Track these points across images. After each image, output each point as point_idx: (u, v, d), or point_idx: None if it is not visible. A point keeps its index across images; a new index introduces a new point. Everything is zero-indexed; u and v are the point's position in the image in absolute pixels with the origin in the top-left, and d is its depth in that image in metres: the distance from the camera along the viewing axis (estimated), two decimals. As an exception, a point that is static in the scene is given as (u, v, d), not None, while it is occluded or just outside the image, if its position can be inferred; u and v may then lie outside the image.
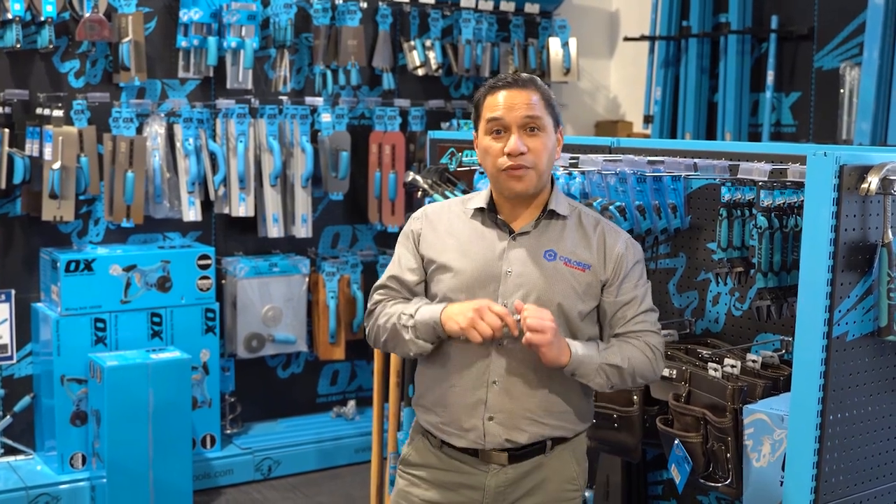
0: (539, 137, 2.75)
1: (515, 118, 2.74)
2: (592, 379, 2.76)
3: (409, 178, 4.38)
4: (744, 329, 3.42)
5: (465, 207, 2.92)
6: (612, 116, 7.51)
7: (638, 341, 2.82)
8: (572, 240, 2.82)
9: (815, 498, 2.70)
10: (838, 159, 2.59)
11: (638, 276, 2.86)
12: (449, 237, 2.87)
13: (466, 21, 6.48)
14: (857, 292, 2.68)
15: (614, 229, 2.89)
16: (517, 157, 2.72)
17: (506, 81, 2.79)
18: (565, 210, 2.85)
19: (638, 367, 2.81)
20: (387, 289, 2.93)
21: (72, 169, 5.27)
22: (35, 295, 5.55)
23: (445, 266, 2.83)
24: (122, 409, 5.05)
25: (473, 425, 2.79)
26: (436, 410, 2.87)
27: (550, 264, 2.79)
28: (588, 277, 2.80)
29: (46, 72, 5.43)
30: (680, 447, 3.13)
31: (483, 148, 2.80)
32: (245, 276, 5.88)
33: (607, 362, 2.76)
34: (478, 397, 2.79)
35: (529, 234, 2.82)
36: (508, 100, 2.76)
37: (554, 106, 2.84)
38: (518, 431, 2.79)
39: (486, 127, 2.78)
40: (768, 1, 6.34)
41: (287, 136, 5.96)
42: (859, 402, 2.76)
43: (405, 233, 2.96)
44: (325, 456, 6.03)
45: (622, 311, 2.83)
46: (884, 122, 5.51)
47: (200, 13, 5.63)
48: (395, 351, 2.95)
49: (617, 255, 2.82)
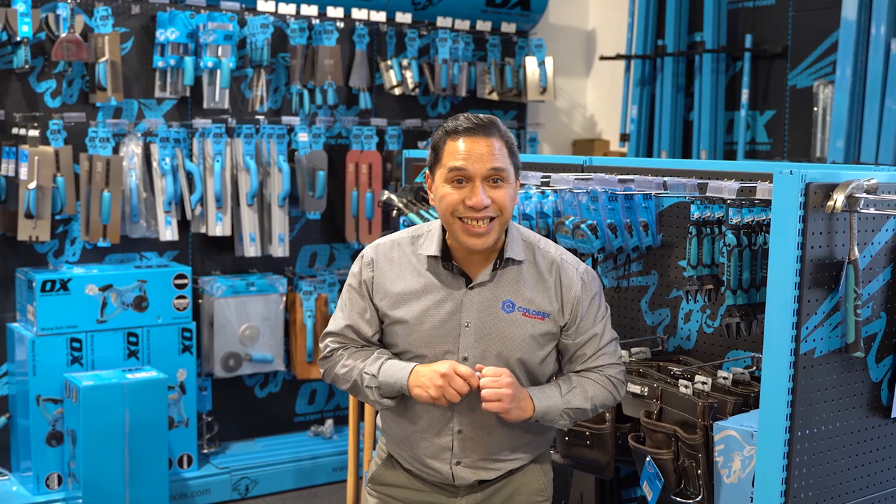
0: (503, 188, 2.67)
1: (479, 170, 2.64)
2: (556, 422, 2.78)
3: (385, 196, 4.39)
4: (715, 346, 3.43)
5: (417, 251, 2.81)
6: (589, 135, 7.54)
7: (599, 376, 2.83)
8: (529, 287, 2.77)
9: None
10: (804, 177, 2.61)
11: (596, 310, 2.83)
12: (402, 288, 2.78)
13: (443, 40, 6.51)
14: (824, 309, 2.69)
15: (570, 264, 2.82)
16: (481, 210, 2.64)
17: (466, 127, 2.67)
18: (521, 255, 2.78)
19: (600, 401, 2.83)
20: (342, 337, 2.85)
21: (48, 189, 5.27)
22: (11, 315, 5.53)
23: (401, 321, 2.77)
24: (98, 430, 5.04)
25: (440, 469, 2.80)
26: (402, 446, 2.87)
27: (509, 316, 2.74)
28: (547, 325, 2.77)
29: (22, 92, 5.43)
30: (651, 464, 3.14)
31: (440, 195, 2.69)
32: (222, 296, 5.87)
33: (570, 407, 2.77)
34: (443, 444, 2.79)
35: (486, 284, 2.75)
36: (471, 148, 2.65)
37: (515, 153, 2.73)
38: (486, 471, 2.81)
39: (447, 175, 2.67)
40: (742, 20, 6.39)
41: (264, 155, 5.97)
42: (827, 419, 2.77)
43: (357, 279, 2.84)
44: (303, 475, 6.02)
45: (582, 350, 2.83)
46: (857, 140, 5.56)
47: (177, 33, 5.64)
48: (356, 398, 2.93)
49: (574, 298, 2.78)
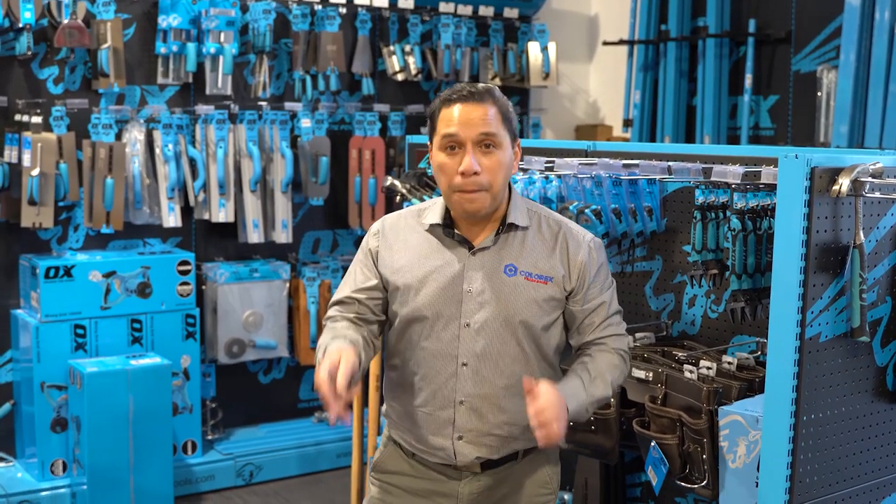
0: (494, 155, 2.67)
1: (470, 135, 2.65)
2: (583, 418, 2.80)
3: (388, 182, 4.39)
4: (720, 331, 3.43)
5: (421, 221, 2.83)
6: (592, 121, 7.53)
7: (611, 355, 2.82)
8: (533, 251, 2.77)
9: (790, 499, 2.71)
10: (809, 161, 2.60)
11: (603, 279, 2.83)
12: (406, 255, 2.80)
13: (445, 26, 6.49)
14: (830, 293, 2.69)
15: (576, 233, 2.82)
16: (471, 176, 2.64)
17: (461, 94, 2.68)
18: (524, 221, 2.78)
19: (617, 383, 2.84)
20: (343, 305, 2.84)
21: (51, 175, 5.27)
22: (14, 301, 5.54)
23: (404, 287, 2.77)
24: (102, 416, 5.05)
25: (442, 445, 2.78)
26: (404, 427, 2.85)
27: (511, 280, 2.73)
28: (551, 290, 2.75)
29: (25, 78, 5.42)
30: (656, 449, 3.14)
31: (437, 164, 2.71)
32: (225, 282, 5.88)
33: (595, 399, 2.76)
34: (445, 417, 2.77)
35: (489, 249, 2.75)
36: (464, 115, 2.66)
37: (511, 119, 2.73)
38: (488, 448, 2.78)
39: (441, 143, 2.69)
40: (746, 4, 6.37)
41: (267, 141, 5.97)
42: (832, 403, 2.77)
43: (363, 249, 2.87)
44: (307, 461, 6.04)
45: (590, 318, 2.81)
46: (861, 125, 5.54)
47: (179, 19, 5.63)
48: None
49: (580, 264, 2.77)
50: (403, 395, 2.83)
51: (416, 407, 2.80)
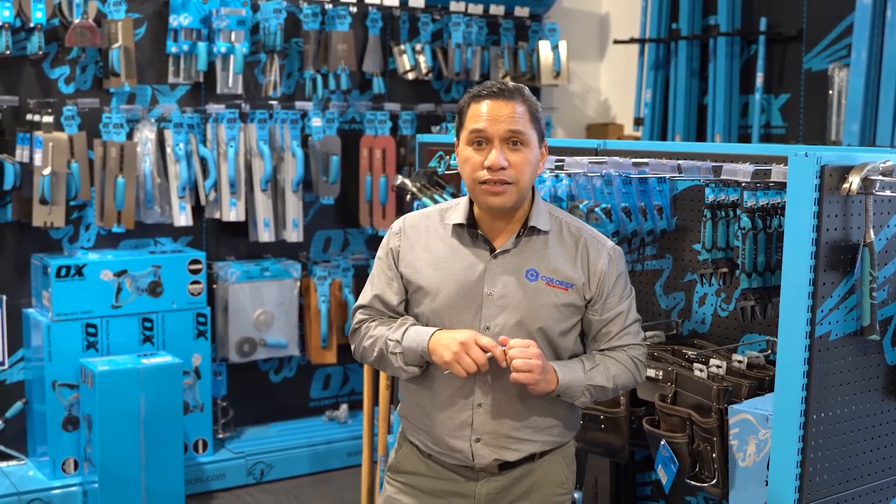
0: (521, 152, 2.67)
1: (498, 131, 2.66)
2: (577, 399, 2.76)
3: (398, 181, 4.39)
4: (730, 330, 3.43)
5: (444, 221, 2.83)
6: (603, 119, 7.52)
7: (623, 356, 2.81)
8: (554, 257, 2.76)
9: (800, 497, 2.71)
10: (819, 160, 2.60)
11: (622, 288, 2.81)
12: (427, 255, 2.80)
13: (456, 25, 6.49)
14: (840, 292, 2.69)
15: (597, 240, 2.82)
16: (497, 171, 2.65)
17: (491, 91, 2.69)
18: (546, 225, 2.78)
19: (621, 382, 2.82)
20: (370, 308, 2.87)
21: (62, 175, 5.28)
22: (26, 300, 5.55)
23: (424, 288, 2.78)
24: (113, 414, 5.06)
25: (460, 447, 2.78)
26: (421, 428, 2.85)
27: (532, 284, 2.73)
28: (571, 296, 2.75)
29: (36, 78, 5.44)
30: (666, 448, 3.14)
31: (463, 158, 2.72)
32: (236, 281, 5.89)
33: (592, 383, 2.75)
34: (463, 419, 2.76)
35: (510, 252, 2.75)
36: (492, 111, 2.67)
37: (539, 119, 2.74)
38: (506, 450, 2.78)
39: (468, 137, 2.70)
40: (757, 3, 6.35)
41: (277, 140, 5.98)
42: (843, 402, 2.77)
43: (385, 248, 2.87)
44: (318, 460, 6.04)
45: (607, 327, 2.80)
46: (872, 123, 5.53)
47: (190, 18, 5.64)
48: (384, 371, 2.93)
49: (601, 273, 2.76)
50: (421, 396, 2.83)
51: (434, 408, 2.80)
